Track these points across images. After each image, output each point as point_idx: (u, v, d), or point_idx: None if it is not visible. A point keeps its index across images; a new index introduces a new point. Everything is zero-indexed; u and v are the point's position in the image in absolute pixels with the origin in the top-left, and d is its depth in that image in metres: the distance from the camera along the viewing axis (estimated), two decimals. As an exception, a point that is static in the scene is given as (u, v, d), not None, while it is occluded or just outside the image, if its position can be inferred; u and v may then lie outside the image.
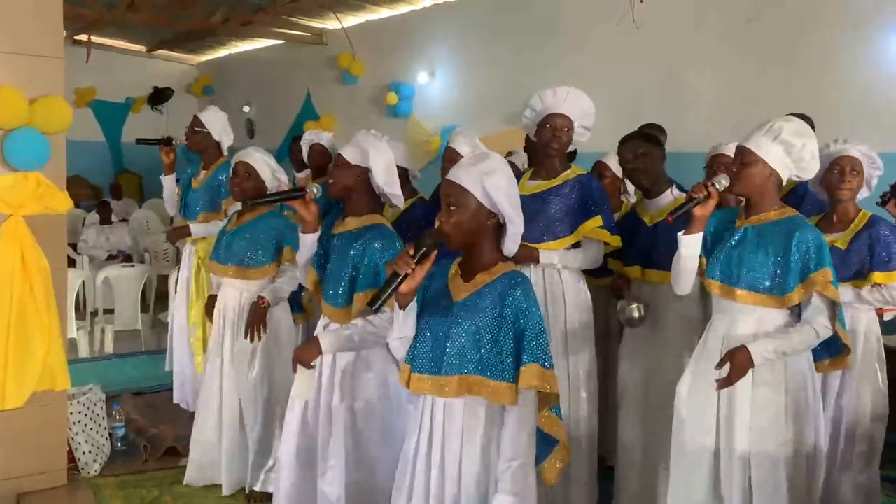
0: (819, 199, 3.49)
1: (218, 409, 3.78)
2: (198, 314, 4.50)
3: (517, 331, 2.16)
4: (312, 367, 2.87)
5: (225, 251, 3.70)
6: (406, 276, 2.13)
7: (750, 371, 2.59)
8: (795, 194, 3.77)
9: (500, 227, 2.23)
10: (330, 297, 2.91)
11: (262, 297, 3.53)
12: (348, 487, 2.90)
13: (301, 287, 3.66)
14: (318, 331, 2.98)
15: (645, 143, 3.40)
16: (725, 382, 2.56)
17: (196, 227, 4.59)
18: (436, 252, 2.16)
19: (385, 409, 2.90)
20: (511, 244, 2.25)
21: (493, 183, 2.17)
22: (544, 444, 2.30)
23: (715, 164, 3.88)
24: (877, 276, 3.19)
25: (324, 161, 5.03)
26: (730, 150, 3.72)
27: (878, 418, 3.36)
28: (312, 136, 5.17)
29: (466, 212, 2.17)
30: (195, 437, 3.88)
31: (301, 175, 5.96)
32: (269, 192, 3.47)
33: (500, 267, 2.24)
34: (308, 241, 2.96)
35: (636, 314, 3.32)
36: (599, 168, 4.24)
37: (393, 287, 2.15)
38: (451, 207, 2.18)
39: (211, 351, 3.83)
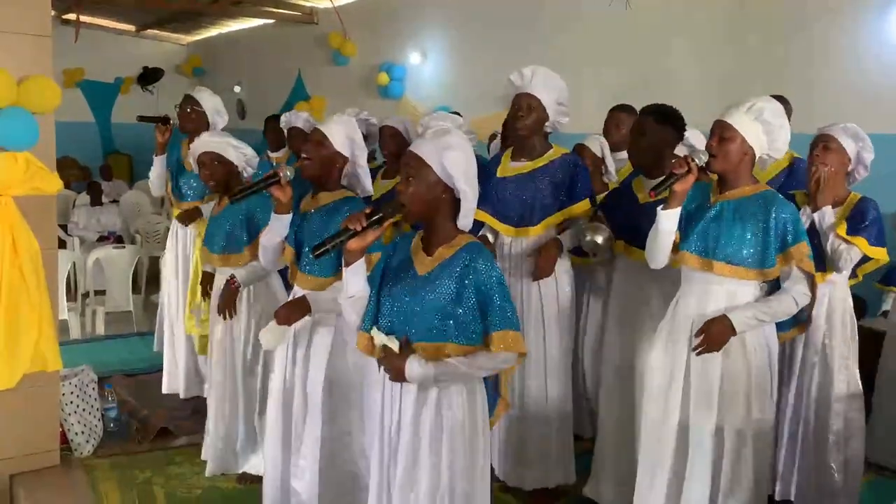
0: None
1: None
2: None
3: (482, 298, 2.23)
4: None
5: (209, 239, 3.69)
6: (355, 232, 2.20)
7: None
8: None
9: (456, 202, 2.28)
10: (315, 269, 2.94)
11: (232, 277, 3.55)
12: (323, 462, 2.94)
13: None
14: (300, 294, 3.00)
15: (654, 122, 3.28)
16: (703, 350, 2.66)
17: (207, 209, 4.52)
18: (390, 221, 2.23)
19: (361, 384, 2.95)
20: (465, 219, 2.31)
21: (452, 158, 2.22)
22: (490, 396, 2.43)
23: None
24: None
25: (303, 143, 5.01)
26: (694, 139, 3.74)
27: (852, 396, 3.39)
28: (290, 117, 5.11)
29: (423, 184, 2.23)
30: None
31: (276, 154, 5.93)
32: (245, 185, 3.41)
33: (459, 239, 2.30)
34: (283, 222, 3.00)
35: (598, 239, 3.30)
36: (579, 151, 4.25)
37: (339, 240, 2.22)
38: (410, 178, 2.24)
39: (215, 339, 3.80)
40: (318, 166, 2.92)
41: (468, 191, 2.26)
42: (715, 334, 2.64)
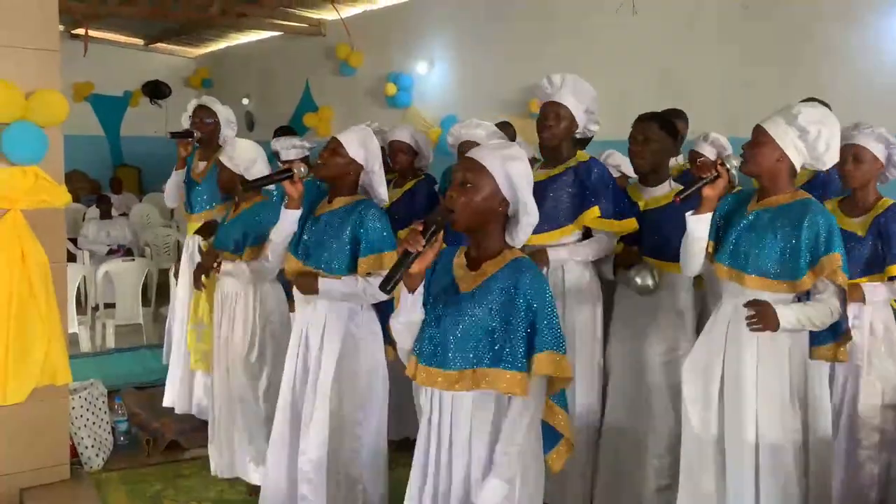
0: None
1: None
2: (206, 311, 4.38)
3: (529, 318, 2.10)
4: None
5: (223, 241, 3.67)
6: (417, 254, 2.04)
7: (755, 356, 2.58)
8: (817, 179, 3.76)
9: (506, 218, 2.18)
10: (329, 270, 2.98)
11: (219, 263, 3.58)
12: (329, 459, 2.96)
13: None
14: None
15: (659, 129, 3.31)
16: (755, 327, 2.50)
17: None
18: (442, 233, 2.09)
19: (370, 378, 3.00)
20: (523, 235, 2.18)
21: (517, 169, 2.13)
22: (550, 436, 2.27)
23: (694, 159, 3.85)
24: (893, 270, 3.16)
25: None
26: (706, 147, 3.72)
27: (890, 407, 3.34)
28: (281, 147, 5.15)
29: (480, 193, 2.10)
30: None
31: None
32: (258, 177, 3.45)
33: (506, 255, 2.17)
34: (291, 217, 3.05)
35: (650, 280, 3.21)
36: None
37: (406, 266, 2.05)
38: (467, 185, 2.11)
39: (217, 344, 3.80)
40: (329, 171, 2.98)
41: (530, 205, 2.15)
42: (764, 314, 2.48)
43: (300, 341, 3.07)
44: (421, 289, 2.18)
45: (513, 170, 2.12)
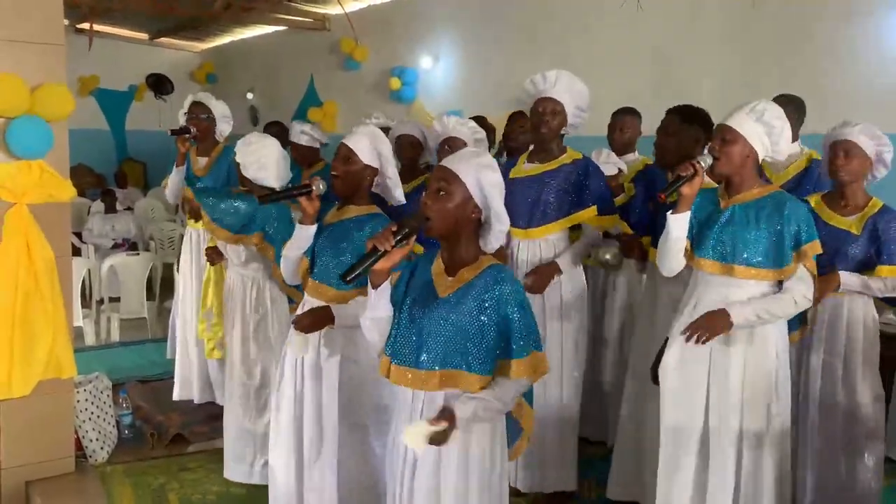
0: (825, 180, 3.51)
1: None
2: (215, 298, 4.35)
3: (503, 325, 2.15)
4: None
5: (224, 222, 3.62)
6: (384, 252, 2.12)
7: (741, 347, 2.66)
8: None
9: (479, 224, 2.24)
10: (331, 280, 2.85)
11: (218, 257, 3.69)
12: (342, 475, 2.90)
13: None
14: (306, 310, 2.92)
15: (681, 123, 3.34)
16: (691, 335, 2.62)
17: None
18: (414, 237, 2.16)
19: (375, 385, 2.89)
20: (495, 241, 2.25)
21: (489, 178, 2.19)
22: (513, 430, 2.35)
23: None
24: (884, 271, 3.19)
25: (312, 155, 5.08)
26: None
27: (876, 399, 3.35)
28: (299, 132, 5.14)
29: (453, 200, 2.17)
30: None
31: None
32: (277, 190, 3.43)
33: (483, 261, 2.24)
34: (308, 233, 2.90)
35: (606, 256, 3.45)
36: None
37: (370, 262, 2.14)
38: (441, 193, 2.17)
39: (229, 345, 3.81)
40: (347, 182, 2.85)
41: (502, 213, 2.21)
42: (709, 322, 2.61)
43: (300, 356, 2.97)
44: (386, 285, 2.24)
45: (484, 178, 2.18)
